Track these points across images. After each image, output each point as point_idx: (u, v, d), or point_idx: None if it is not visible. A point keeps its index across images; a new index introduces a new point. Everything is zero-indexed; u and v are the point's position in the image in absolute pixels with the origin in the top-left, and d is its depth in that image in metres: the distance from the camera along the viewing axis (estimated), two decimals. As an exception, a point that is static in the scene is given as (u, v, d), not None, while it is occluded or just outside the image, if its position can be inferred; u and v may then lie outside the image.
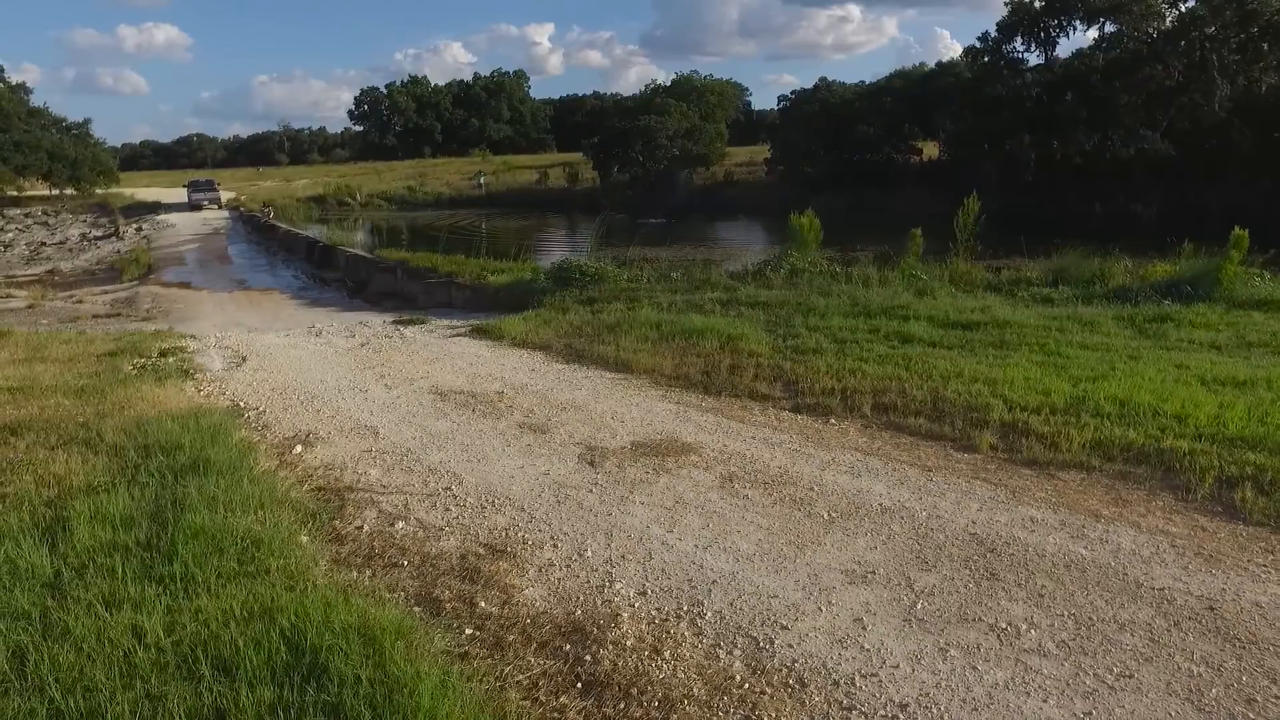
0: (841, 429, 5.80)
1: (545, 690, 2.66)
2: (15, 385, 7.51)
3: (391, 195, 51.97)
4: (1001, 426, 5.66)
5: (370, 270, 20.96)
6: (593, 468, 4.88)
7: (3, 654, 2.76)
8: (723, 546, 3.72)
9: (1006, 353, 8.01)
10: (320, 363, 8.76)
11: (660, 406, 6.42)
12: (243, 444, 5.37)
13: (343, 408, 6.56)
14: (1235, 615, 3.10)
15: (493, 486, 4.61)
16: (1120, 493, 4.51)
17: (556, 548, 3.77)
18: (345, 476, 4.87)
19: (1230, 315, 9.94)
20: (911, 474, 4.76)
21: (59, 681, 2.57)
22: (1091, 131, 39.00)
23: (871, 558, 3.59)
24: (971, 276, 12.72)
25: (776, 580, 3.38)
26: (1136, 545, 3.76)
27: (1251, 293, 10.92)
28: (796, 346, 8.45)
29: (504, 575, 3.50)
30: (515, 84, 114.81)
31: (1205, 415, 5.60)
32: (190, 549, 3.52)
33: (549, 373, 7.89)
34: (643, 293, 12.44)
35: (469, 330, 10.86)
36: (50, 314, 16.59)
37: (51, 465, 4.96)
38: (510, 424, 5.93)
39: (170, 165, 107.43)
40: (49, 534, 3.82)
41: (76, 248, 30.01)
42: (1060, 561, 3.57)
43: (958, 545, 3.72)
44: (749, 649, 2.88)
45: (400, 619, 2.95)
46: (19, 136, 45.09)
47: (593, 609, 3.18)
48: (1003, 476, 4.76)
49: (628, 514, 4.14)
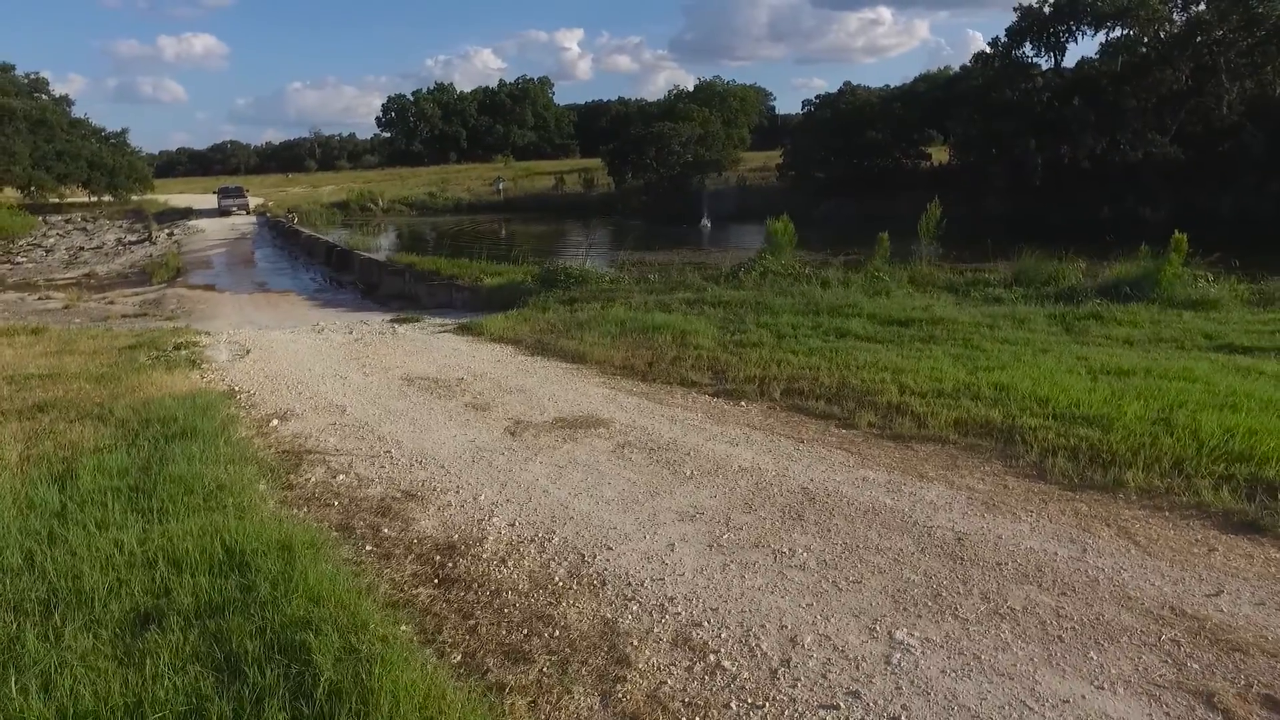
0: (745, 409, 6.61)
1: (410, 583, 3.54)
2: (46, 373, 8.58)
3: (413, 201, 53.42)
4: (887, 407, 6.42)
5: (381, 273, 22.07)
6: (513, 437, 5.76)
7: (18, 555, 3.69)
8: (590, 494, 4.57)
9: (930, 346, 8.73)
10: (313, 355, 9.74)
11: (596, 391, 7.28)
12: (228, 418, 6.33)
13: (321, 391, 7.51)
14: (974, 545, 3.88)
15: (425, 450, 5.51)
16: (957, 460, 5.28)
17: (458, 493, 4.65)
18: (308, 443, 5.80)
19: (1160, 314, 10.55)
20: (784, 444, 5.58)
21: (55, 571, 3.49)
22: (1100, 135, 39.18)
23: (708, 504, 4.42)
24: (933, 277, 13.42)
25: (621, 517, 4.23)
26: (937, 497, 4.55)
27: (1190, 293, 11.50)
28: (740, 340, 9.24)
29: (410, 512, 4.39)
30: (539, 90, 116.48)
31: (1068, 398, 6.30)
32: (167, 490, 4.46)
33: (511, 363, 8.78)
34: (620, 293, 13.31)
35: (455, 328, 11.80)
36: (83, 314, 17.88)
37: (69, 434, 5.95)
38: (459, 404, 6.83)
39: (205, 171, 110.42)
40: (60, 480, 4.77)
41: (112, 252, 31.61)
42: (863, 508, 4.37)
43: (785, 496, 4.54)
44: (575, 562, 3.73)
45: (314, 536, 3.85)
46: (61, 146, 47.29)
47: (467, 534, 4.06)
48: (863, 447, 5.55)
49: (525, 470, 5.01)
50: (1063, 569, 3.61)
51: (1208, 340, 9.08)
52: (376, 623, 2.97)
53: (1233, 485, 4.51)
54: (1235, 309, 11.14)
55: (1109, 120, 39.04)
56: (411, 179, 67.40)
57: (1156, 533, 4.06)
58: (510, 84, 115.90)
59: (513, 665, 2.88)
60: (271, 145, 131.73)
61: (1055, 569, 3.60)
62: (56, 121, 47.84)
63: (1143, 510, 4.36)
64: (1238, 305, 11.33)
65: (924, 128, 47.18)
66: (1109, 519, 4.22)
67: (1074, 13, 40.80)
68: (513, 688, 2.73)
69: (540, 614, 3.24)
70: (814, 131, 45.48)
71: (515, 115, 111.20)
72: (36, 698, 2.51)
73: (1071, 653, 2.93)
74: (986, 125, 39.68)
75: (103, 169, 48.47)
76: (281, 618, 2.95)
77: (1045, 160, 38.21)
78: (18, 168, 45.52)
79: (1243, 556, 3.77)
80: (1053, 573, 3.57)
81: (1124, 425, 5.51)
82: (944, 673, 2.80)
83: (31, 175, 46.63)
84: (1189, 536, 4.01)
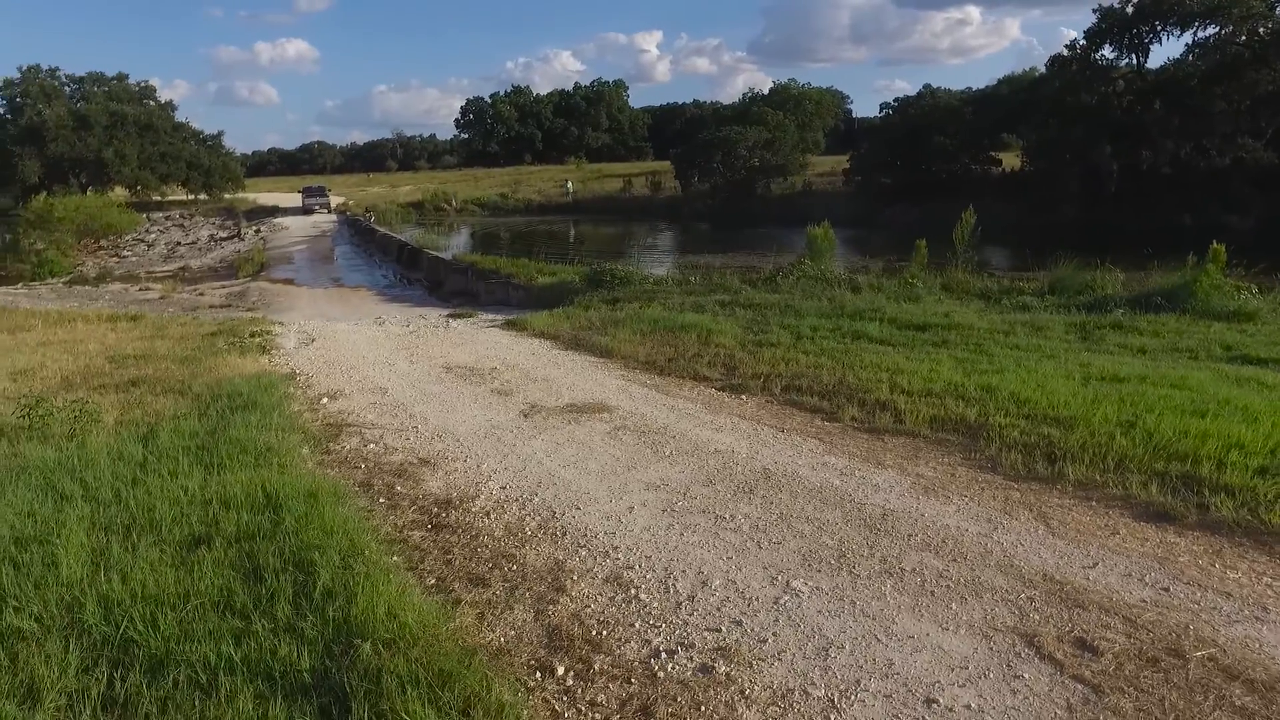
0: (744, 402, 7.20)
1: (407, 527, 4.30)
2: (140, 354, 9.80)
3: (485, 201, 55.25)
4: (874, 404, 6.89)
5: (446, 271, 23.31)
6: (525, 418, 6.50)
7: (110, 492, 4.61)
8: (577, 466, 5.26)
9: (938, 350, 9.11)
10: (369, 345, 10.73)
11: (612, 382, 7.97)
12: (285, 395, 7.28)
13: (369, 375, 8.43)
14: (896, 520, 4.40)
15: (446, 427, 6.30)
16: (920, 451, 5.75)
17: (465, 461, 5.41)
18: (349, 418, 6.67)
19: (1190, 324, 10.60)
20: (764, 432, 6.15)
21: (135, 505, 4.37)
22: (1184, 140, 37.74)
23: (675, 477, 5.05)
24: (967, 284, 13.63)
25: (596, 485, 4.90)
26: (884, 481, 5.06)
27: (1228, 305, 11.45)
28: (759, 340, 9.78)
29: (422, 474, 5.17)
30: (614, 93, 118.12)
31: (1048, 400, 6.65)
32: (226, 449, 5.35)
33: (543, 356, 9.55)
34: (660, 294, 13.99)
35: (502, 323, 12.69)
36: (176, 304, 19.60)
37: (155, 404, 6.99)
38: (486, 389, 7.63)
39: (293, 171, 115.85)
40: (145, 439, 5.73)
41: (205, 247, 34.01)
42: (811, 487, 4.93)
43: (746, 474, 5.13)
44: (546, 517, 4.42)
45: (338, 488, 4.66)
46: (164, 148, 50.98)
47: (464, 493, 4.80)
48: (838, 437, 6.08)
49: (527, 446, 5.74)
50: (965, 541, 4.11)
51: (1225, 351, 9.17)
52: (371, 551, 3.74)
53: (1163, 480, 4.88)
54: (1274, 321, 11.05)
55: (1195, 124, 37.59)
56: (485, 180, 69.54)
57: (1071, 518, 4.50)
58: (585, 87, 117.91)
59: (473, 588, 3.59)
60: (356, 145, 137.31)
61: (958, 541, 4.11)
62: (161, 126, 51.55)
63: (1071, 499, 4.78)
64: (1278, 318, 11.23)
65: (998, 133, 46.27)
66: (1034, 505, 4.67)
67: (1159, 12, 39.41)
68: (467, 602, 3.44)
69: (506, 554, 3.95)
70: (881, 137, 45.13)
71: (590, 118, 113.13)
72: (118, 585, 3.35)
73: (936, 604, 3.46)
74: (1061, 130, 38.72)
75: (200, 169, 52.01)
76: (298, 543, 3.74)
77: (1122, 166, 37.06)
78: (127, 169, 49.27)
79: (1139, 539, 4.19)
80: (955, 544, 4.08)
81: (1088, 426, 5.87)
82: (819, 612, 3.38)
83: (138, 175, 50.41)
84: (1100, 522, 4.44)
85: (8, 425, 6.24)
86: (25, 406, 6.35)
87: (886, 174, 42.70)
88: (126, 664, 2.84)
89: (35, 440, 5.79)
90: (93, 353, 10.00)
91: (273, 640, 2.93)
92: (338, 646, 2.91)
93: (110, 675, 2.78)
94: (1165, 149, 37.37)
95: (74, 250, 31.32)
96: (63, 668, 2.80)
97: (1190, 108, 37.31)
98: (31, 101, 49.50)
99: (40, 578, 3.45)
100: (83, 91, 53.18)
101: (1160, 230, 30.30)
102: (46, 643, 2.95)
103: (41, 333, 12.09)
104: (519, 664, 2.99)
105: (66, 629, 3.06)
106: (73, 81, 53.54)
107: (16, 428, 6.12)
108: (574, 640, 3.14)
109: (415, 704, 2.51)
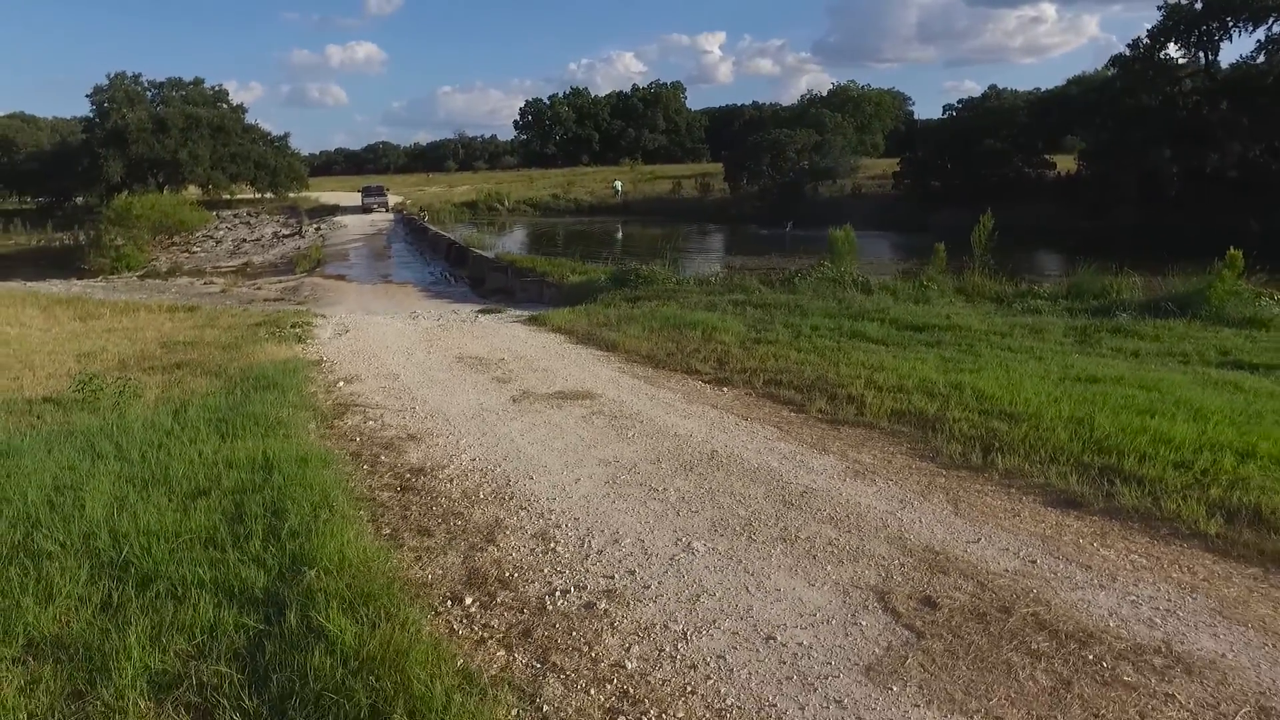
0: (723, 393, 7.67)
1: (379, 488, 4.94)
2: (189, 341, 10.77)
3: (537, 202, 56.46)
4: (845, 398, 7.28)
5: (488, 269, 24.19)
6: (514, 403, 7.12)
7: (137, 454, 5.37)
8: (544, 444, 5.84)
9: (930, 350, 9.39)
10: (396, 336, 11.52)
11: (607, 373, 8.53)
12: (306, 379, 8.05)
13: (387, 363, 9.17)
14: (813, 497, 4.83)
15: (441, 408, 6.96)
16: (869, 440, 6.15)
17: (449, 437, 6.04)
18: (358, 399, 7.38)
19: (1199, 330, 10.63)
20: (729, 420, 6.63)
21: (156, 464, 5.12)
22: (1253, 142, 36.41)
23: (628, 455, 5.58)
24: (982, 288, 13.77)
25: (555, 460, 5.47)
26: (820, 465, 5.50)
27: (1244, 311, 11.40)
28: (758, 338, 10.21)
29: (406, 447, 5.82)
30: (671, 94, 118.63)
31: (1011, 398, 6.93)
32: (242, 422, 6.10)
33: (552, 349, 10.17)
34: (680, 294, 14.48)
35: (526, 319, 13.37)
36: (235, 297, 20.92)
37: (192, 384, 7.84)
38: (488, 377, 8.27)
39: (358, 170, 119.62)
40: (176, 412, 6.53)
41: (267, 244, 35.80)
42: (748, 467, 5.40)
43: (693, 455, 5.63)
44: (501, 484, 5.01)
45: (328, 455, 5.34)
46: (235, 149, 53.69)
47: (437, 463, 5.43)
48: (797, 426, 6.52)
49: (506, 426, 6.34)
50: (868, 517, 4.55)
51: (1221, 356, 9.24)
52: (339, 503, 4.38)
53: (1085, 471, 5.20)
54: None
55: (1266, 125, 36.25)
56: (540, 180, 70.88)
57: (983, 502, 4.87)
58: (643, 89, 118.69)
59: (419, 537, 4.21)
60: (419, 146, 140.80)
61: (861, 517, 4.55)
62: (232, 127, 54.30)
63: (992, 486, 5.14)
64: (1292, 325, 11.13)
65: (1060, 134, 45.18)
66: (951, 490, 5.05)
67: (1230, 8, 38.04)
68: (409, 547, 4.05)
69: (455, 512, 4.55)
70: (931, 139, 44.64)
71: (647, 119, 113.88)
72: (128, 522, 4.06)
73: (814, 566, 3.92)
74: (1118, 132, 37.76)
75: (266, 169, 54.61)
76: (279, 494, 4.41)
77: (1184, 169, 35.96)
78: (200, 169, 52.05)
79: (1036, 521, 4.55)
80: (857, 519, 4.52)
81: (1038, 421, 6.17)
82: (706, 568, 3.88)
83: (210, 175, 53.21)
84: (1008, 506, 4.81)
85: (66, 398, 7.15)
86: (79, 383, 7.25)
87: (936, 177, 42.22)
88: (123, 579, 3.52)
89: (85, 411, 6.66)
90: (149, 339, 11.03)
91: (239, 566, 3.58)
92: (290, 573, 3.54)
93: (109, 586, 3.46)
94: (1232, 151, 36.13)
95: (149, 246, 33.36)
96: (75, 579, 3.50)
97: (1261, 108, 35.97)
98: (117, 106, 52.80)
99: (69, 515, 4.19)
100: (162, 96, 56.50)
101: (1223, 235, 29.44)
102: (65, 561, 3.66)
103: (108, 321, 13.27)
104: (436, 595, 3.58)
105: (82, 552, 3.77)
106: (153, 87, 56.99)
107: (71, 400, 7.02)
108: (488, 579, 3.72)
109: (336, 614, 3.11)
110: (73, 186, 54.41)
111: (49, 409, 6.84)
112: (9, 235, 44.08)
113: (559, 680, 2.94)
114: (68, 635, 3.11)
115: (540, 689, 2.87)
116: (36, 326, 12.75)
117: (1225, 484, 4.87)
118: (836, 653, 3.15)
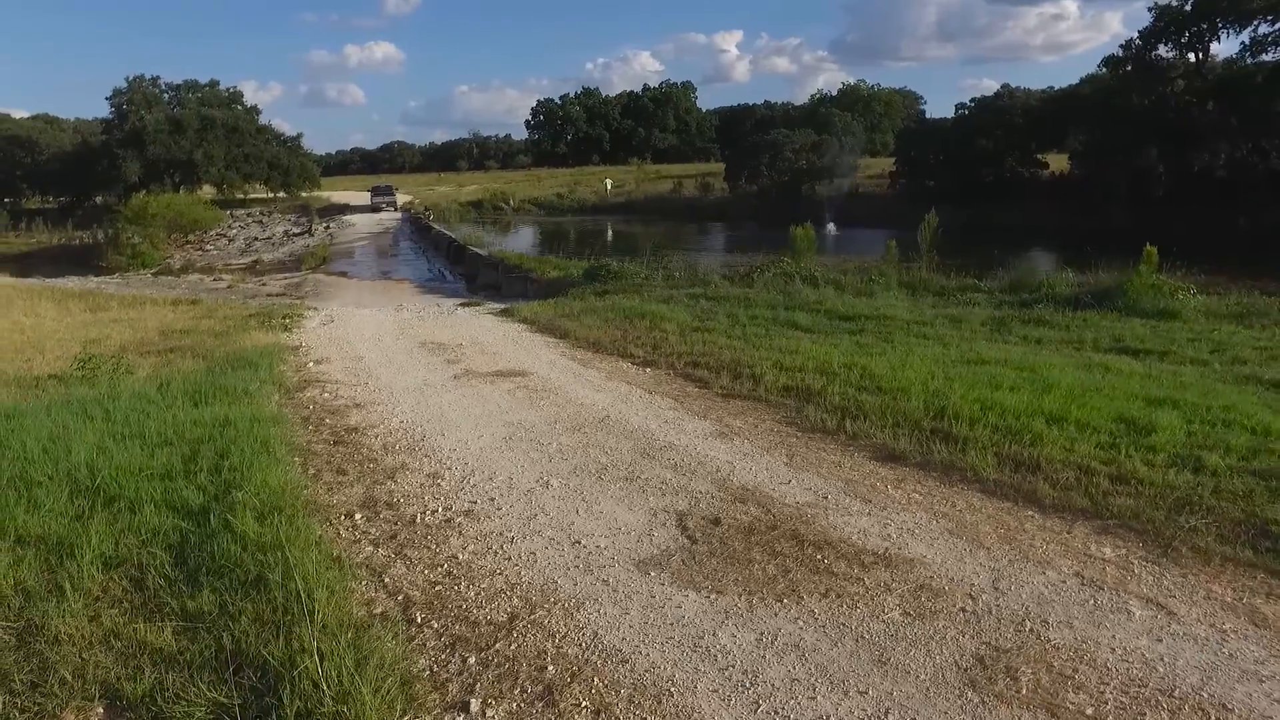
0: (644, 373, 8.65)
1: (316, 442, 5.97)
2: (186, 329, 11.91)
3: (541, 201, 57.65)
4: (749, 376, 8.22)
5: (480, 266, 25.29)
6: (455, 380, 8.15)
7: (122, 416, 6.44)
8: (464, 411, 6.86)
9: (850, 337, 10.31)
10: (374, 326, 12.59)
11: (548, 356, 9.54)
12: (280, 360, 9.13)
13: (357, 348, 10.24)
14: (669, 450, 5.79)
15: (390, 384, 8.00)
16: (750, 410, 7.09)
17: (386, 406, 7.08)
18: (322, 376, 8.45)
19: (1108, 321, 11.47)
20: (635, 393, 7.61)
21: (136, 424, 6.18)
22: (1241, 141, 36.83)
23: (529, 419, 6.58)
24: (928, 283, 14.66)
25: (468, 422, 6.48)
26: (693, 428, 6.46)
27: (1157, 304, 12.22)
28: (698, 326, 11.16)
29: (349, 413, 6.86)
30: (682, 94, 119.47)
31: (891, 376, 7.80)
32: (214, 393, 7.16)
33: (510, 337, 11.19)
34: (646, 288, 15.46)
35: (499, 311, 14.39)
36: (240, 292, 22.12)
37: (181, 364, 8.94)
38: (441, 359, 9.31)
39: (373, 170, 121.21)
40: (161, 387, 7.61)
41: (278, 242, 37.14)
42: (628, 427, 6.37)
43: (587, 419, 6.60)
44: (416, 439, 6.03)
45: (279, 415, 6.39)
46: (249, 150, 55.34)
47: (370, 424, 6.46)
48: (692, 399, 7.48)
49: (440, 397, 7.37)
50: (707, 464, 5.51)
51: (1114, 343, 10.09)
52: (276, 449, 5.42)
53: (918, 432, 6.11)
54: (1195, 320, 11.79)
55: (1254, 125, 36.69)
56: (548, 180, 72.07)
57: (817, 456, 5.81)
58: (654, 88, 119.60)
59: (336, 475, 5.24)
60: (435, 145, 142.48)
61: (700, 464, 5.52)
62: (246, 128, 55.95)
63: (835, 445, 6.07)
64: (1200, 317, 11.94)
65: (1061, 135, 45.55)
66: (796, 447, 5.99)
67: (1218, 9, 38.47)
68: (325, 482, 5.09)
69: (372, 459, 5.59)
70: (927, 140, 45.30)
71: (657, 119, 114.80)
72: (105, 461, 5.11)
73: (640, 497, 4.90)
74: (1108, 132, 38.30)
75: (279, 169, 56.24)
76: (227, 443, 5.46)
77: (1170, 168, 36.48)
78: (215, 169, 53.71)
79: (854, 470, 5.48)
80: (696, 466, 5.49)
81: (903, 395, 7.05)
82: (553, 497, 4.88)
83: (224, 175, 54.87)
84: (837, 459, 5.74)
85: (69, 375, 8.26)
86: (80, 363, 8.36)
87: (931, 177, 42.91)
88: (94, 499, 4.57)
89: (84, 385, 7.75)
90: (150, 328, 12.18)
91: (184, 490, 4.63)
92: (222, 495, 4.58)
93: (83, 504, 4.51)
94: (1220, 150, 36.57)
95: (164, 244, 34.78)
96: (57, 498, 4.55)
97: (1250, 108, 36.41)
98: (135, 108, 54.58)
99: (58, 457, 5.25)
100: (179, 97, 58.29)
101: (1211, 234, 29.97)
102: (51, 487, 4.72)
103: (116, 312, 14.46)
104: (335, 513, 4.61)
105: (64, 481, 4.83)
106: (170, 88, 58.80)
107: (73, 376, 8.12)
108: (378, 504, 4.74)
109: (248, 518, 4.13)
110: (93, 186, 56.35)
111: (53, 384, 7.96)
112: (31, 234, 45.84)
113: (404, 564, 3.95)
114: (47, 533, 4.15)
115: (388, 569, 3.89)
116: (50, 317, 13.96)
117: (1026, 442, 5.77)
118: (622, 553, 4.14)
